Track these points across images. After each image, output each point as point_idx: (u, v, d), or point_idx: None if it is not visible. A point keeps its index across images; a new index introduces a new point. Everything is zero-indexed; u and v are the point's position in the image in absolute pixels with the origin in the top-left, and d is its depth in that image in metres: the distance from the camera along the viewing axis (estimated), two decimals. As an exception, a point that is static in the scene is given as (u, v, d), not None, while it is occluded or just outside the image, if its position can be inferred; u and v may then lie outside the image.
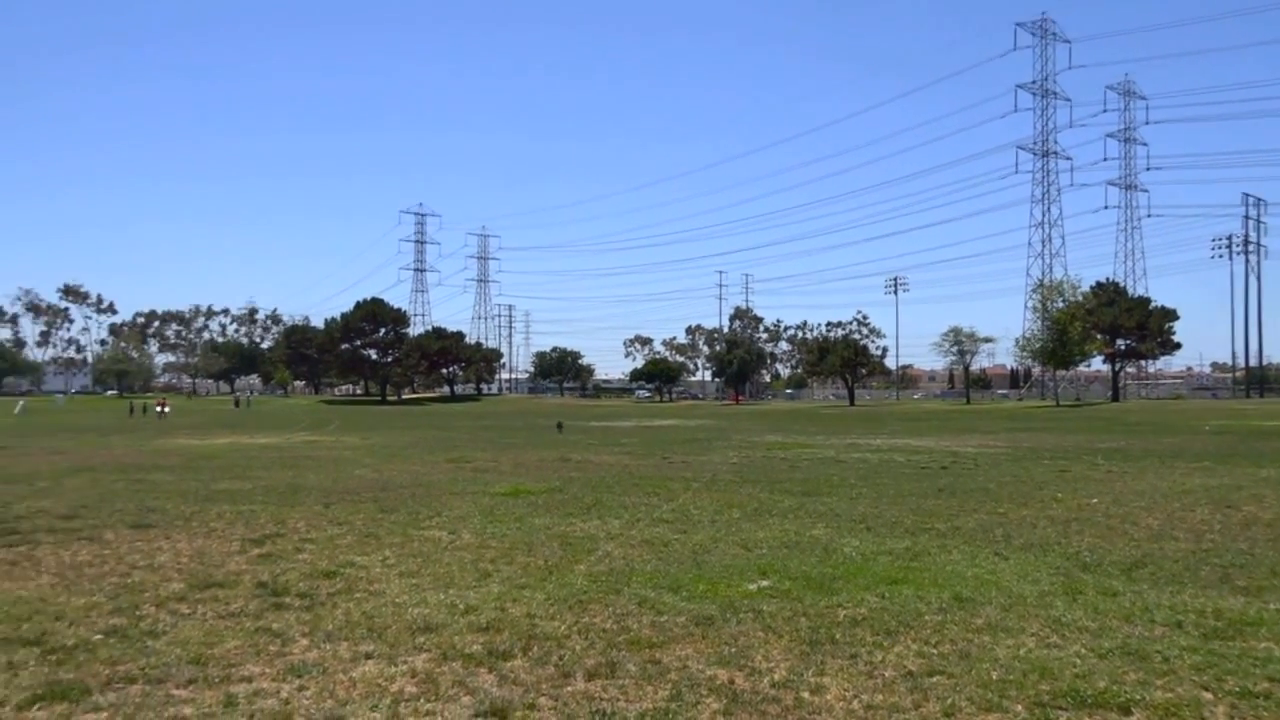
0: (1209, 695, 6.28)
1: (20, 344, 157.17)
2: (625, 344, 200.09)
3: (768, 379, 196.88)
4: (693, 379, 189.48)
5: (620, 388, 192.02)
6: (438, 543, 10.89)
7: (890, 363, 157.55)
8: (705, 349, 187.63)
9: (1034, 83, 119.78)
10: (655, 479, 17.77)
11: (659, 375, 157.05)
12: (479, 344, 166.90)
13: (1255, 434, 33.72)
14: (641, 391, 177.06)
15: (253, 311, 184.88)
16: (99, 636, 7.42)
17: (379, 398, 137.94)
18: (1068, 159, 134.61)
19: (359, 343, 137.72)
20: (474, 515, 13.03)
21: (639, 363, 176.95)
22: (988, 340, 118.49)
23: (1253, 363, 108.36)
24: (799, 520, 12.64)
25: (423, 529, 11.92)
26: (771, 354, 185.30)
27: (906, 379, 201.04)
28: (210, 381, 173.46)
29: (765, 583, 8.88)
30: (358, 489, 16.14)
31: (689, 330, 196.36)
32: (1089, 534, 11.69)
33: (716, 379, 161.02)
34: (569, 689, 6.32)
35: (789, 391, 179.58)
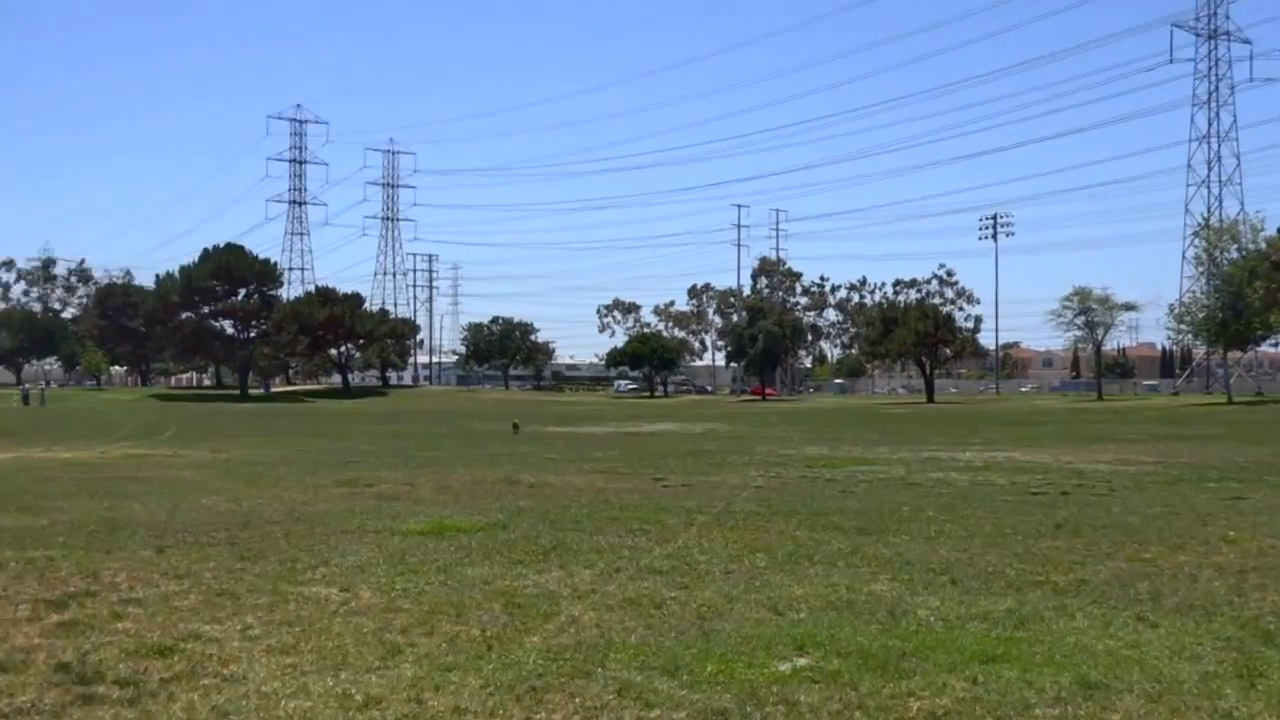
0: None
1: None
2: (600, 313, 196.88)
3: (808, 363, 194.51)
4: (698, 364, 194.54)
5: (592, 376, 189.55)
6: (324, 604, 10.94)
7: (987, 340, 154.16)
8: (717, 320, 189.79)
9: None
10: (644, 510, 17.92)
11: (649, 358, 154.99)
12: (384, 312, 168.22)
13: None
14: (623, 382, 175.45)
15: (48, 265, 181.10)
16: None
17: (237, 391, 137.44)
18: (1246, 42, 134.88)
19: (207, 310, 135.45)
20: (378, 564, 13.11)
21: (619, 340, 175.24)
22: (1128, 308, 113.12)
23: None
24: (852, 570, 12.76)
25: (302, 584, 11.95)
26: (813, 327, 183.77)
27: (1011, 364, 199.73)
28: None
29: (803, 661, 8.95)
30: (206, 526, 16.15)
31: (693, 293, 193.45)
32: (1273, 591, 11.76)
33: (733, 363, 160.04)
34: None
35: (839, 382, 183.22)
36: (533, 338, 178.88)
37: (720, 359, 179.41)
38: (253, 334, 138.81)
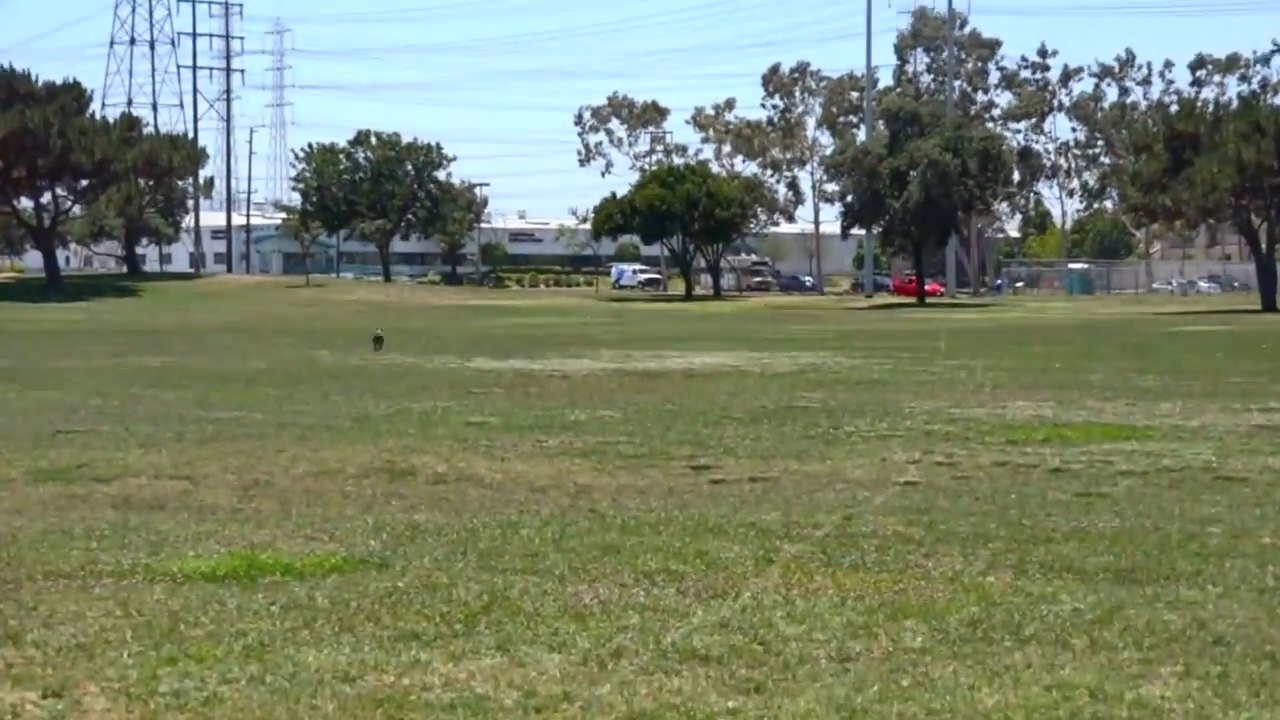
0: None
1: None
2: (579, 123, 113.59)
3: (1012, 229, 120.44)
4: (784, 230, 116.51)
5: (565, 257, 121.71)
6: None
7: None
8: (823, 140, 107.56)
9: None
10: (671, 532, 11.35)
11: (680, 217, 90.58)
12: (131, 120, 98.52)
13: None
14: (628, 268, 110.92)
15: None
16: None
17: None
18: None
19: None
20: (121, 643, 7.93)
21: (620, 181, 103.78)
22: None
23: None
24: (1103, 657, 7.64)
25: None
26: (1023, 152, 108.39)
27: None
28: None
29: None
30: None
31: (774, 81, 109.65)
32: None
33: (855, 229, 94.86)
34: None
35: (1077, 268, 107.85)
36: (442, 175, 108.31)
37: (830, 220, 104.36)
38: None
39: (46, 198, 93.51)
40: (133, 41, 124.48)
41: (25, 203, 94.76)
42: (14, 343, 42.21)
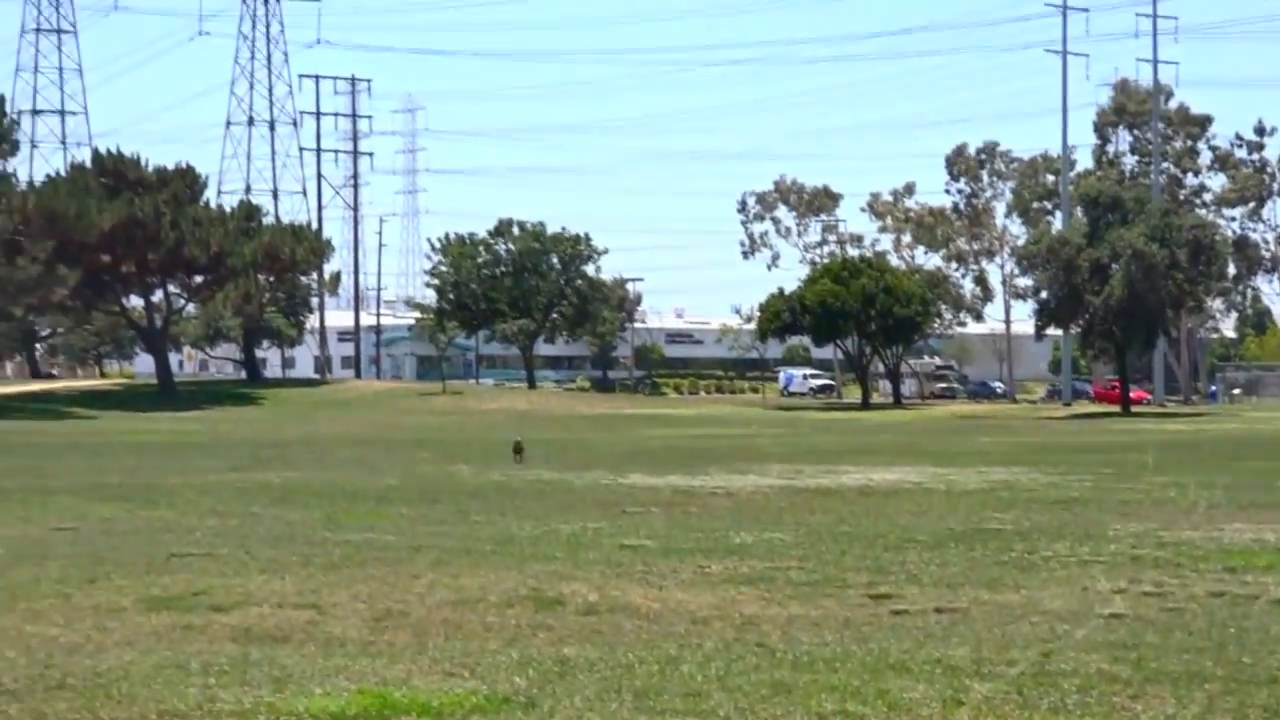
0: None
1: None
2: (743, 210, 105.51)
3: (1228, 328, 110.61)
4: (972, 330, 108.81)
5: (727, 360, 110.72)
6: None
7: None
8: (1013, 229, 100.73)
9: None
10: (849, 670, 10.62)
11: (856, 315, 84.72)
12: (251, 209, 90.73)
13: None
14: (797, 374, 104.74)
15: None
16: None
17: None
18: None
19: None
20: None
21: (788, 275, 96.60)
22: None
23: None
24: None
25: None
26: (1239, 242, 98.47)
27: None
28: None
29: None
30: None
31: (958, 164, 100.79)
32: None
33: (1049, 329, 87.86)
34: None
35: None
36: (591, 269, 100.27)
37: (1022, 319, 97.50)
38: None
39: (158, 295, 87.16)
40: (251, 122, 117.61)
41: (135, 301, 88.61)
42: (124, 456, 40.62)
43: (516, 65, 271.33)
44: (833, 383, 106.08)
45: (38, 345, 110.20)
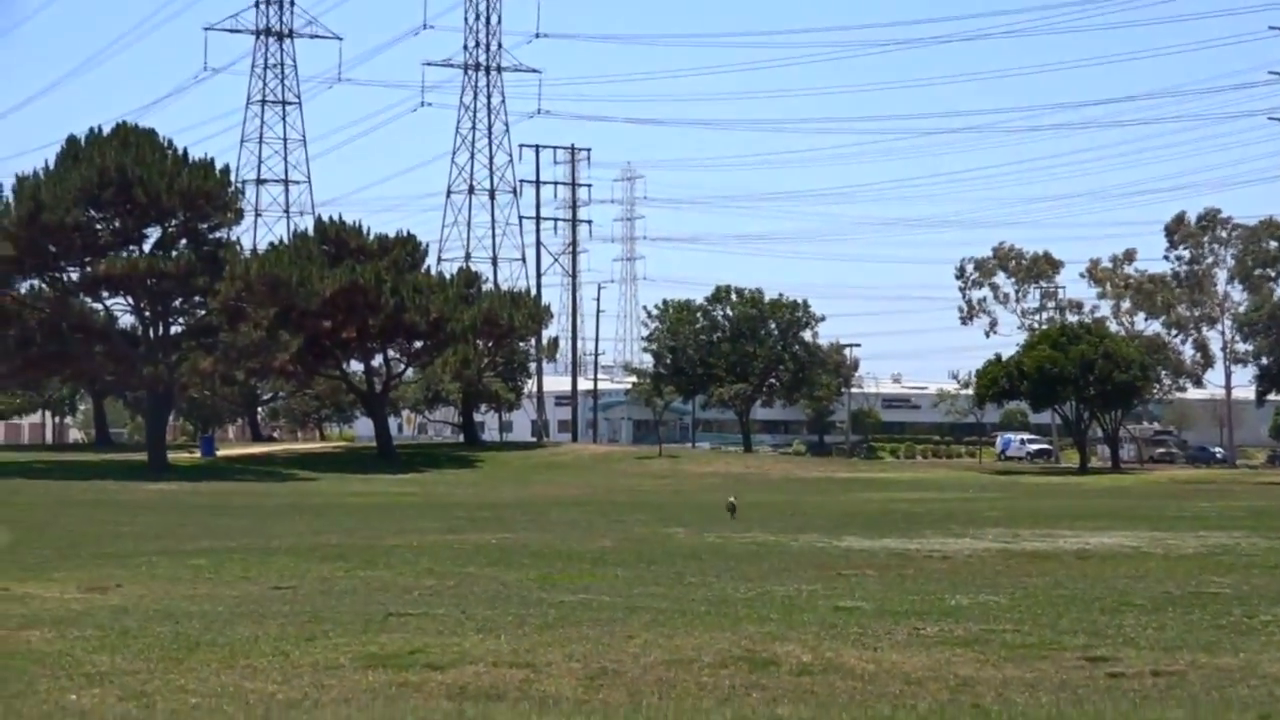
0: None
1: None
2: (961, 276, 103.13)
3: None
4: (1192, 396, 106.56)
5: (951, 426, 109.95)
6: None
7: None
8: (1234, 295, 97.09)
9: None
10: None
11: (1076, 380, 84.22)
12: (471, 276, 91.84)
13: None
14: (1015, 438, 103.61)
15: None
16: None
17: (144, 456, 75.25)
18: None
19: (72, 272, 72.97)
20: None
21: (1006, 342, 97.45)
22: None
23: None
24: None
25: None
26: None
27: None
28: None
29: None
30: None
31: (1178, 231, 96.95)
32: None
33: (1269, 393, 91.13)
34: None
35: None
36: (808, 335, 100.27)
37: (1243, 384, 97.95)
38: (176, 327, 75.16)
39: (378, 360, 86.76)
40: (471, 190, 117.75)
41: (355, 366, 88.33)
42: (343, 516, 40.43)
43: (732, 135, 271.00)
44: (1050, 447, 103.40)
45: (259, 409, 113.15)
